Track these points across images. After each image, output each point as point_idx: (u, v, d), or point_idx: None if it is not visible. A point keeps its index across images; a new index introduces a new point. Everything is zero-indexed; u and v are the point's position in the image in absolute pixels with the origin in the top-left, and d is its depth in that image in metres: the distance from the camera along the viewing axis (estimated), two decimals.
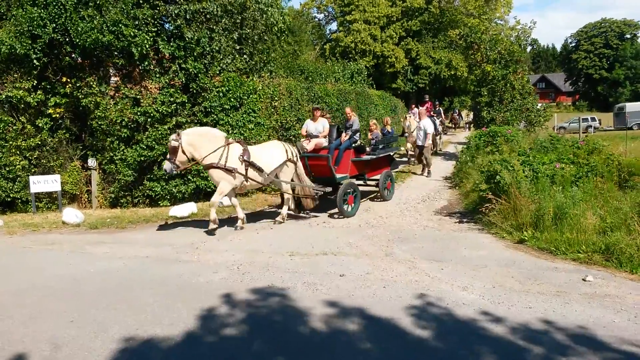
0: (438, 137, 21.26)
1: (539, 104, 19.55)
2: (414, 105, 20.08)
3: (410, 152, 16.95)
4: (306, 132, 10.18)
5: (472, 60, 20.93)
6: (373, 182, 11.08)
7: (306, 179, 9.42)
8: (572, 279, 5.48)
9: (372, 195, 11.36)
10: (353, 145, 10.23)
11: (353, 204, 9.58)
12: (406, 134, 16.18)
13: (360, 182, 11.01)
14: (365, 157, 10.36)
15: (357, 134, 10.32)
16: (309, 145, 9.91)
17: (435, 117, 19.70)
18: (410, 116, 16.61)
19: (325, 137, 10.05)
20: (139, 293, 5.41)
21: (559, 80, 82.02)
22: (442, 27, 36.34)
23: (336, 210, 9.60)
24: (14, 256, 7.33)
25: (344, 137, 10.11)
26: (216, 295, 5.23)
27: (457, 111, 43.85)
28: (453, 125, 41.09)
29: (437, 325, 4.34)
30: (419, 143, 14.73)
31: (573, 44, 76.31)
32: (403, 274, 5.85)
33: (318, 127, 10.06)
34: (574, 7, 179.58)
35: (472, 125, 34.78)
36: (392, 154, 11.58)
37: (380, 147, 11.00)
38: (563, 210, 6.98)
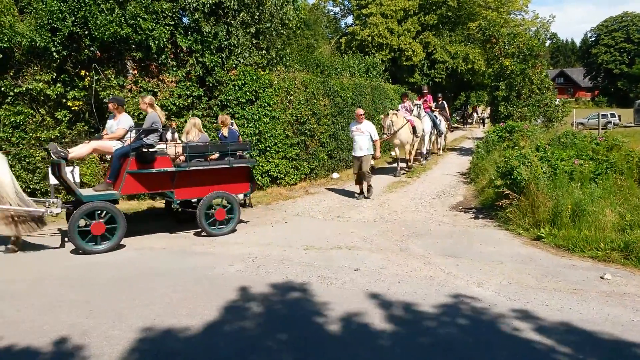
0: (441, 137, 19.04)
1: (557, 100, 19.23)
2: (406, 98, 15.63)
3: (399, 156, 14.12)
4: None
5: (490, 54, 20.66)
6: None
7: (14, 200, 6.90)
8: (589, 277, 5.42)
9: (198, 230, 8.00)
10: (138, 151, 7.35)
11: (111, 237, 7.03)
12: (385, 135, 12.98)
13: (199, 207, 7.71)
14: (156, 169, 7.36)
15: (156, 136, 7.62)
16: (83, 149, 7.66)
17: (436, 113, 17.73)
18: (394, 113, 13.39)
19: (119, 138, 7.76)
20: (156, 284, 5.48)
21: (578, 75, 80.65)
22: (459, 21, 35.93)
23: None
24: (33, 245, 7.46)
25: (131, 139, 7.75)
26: (231, 287, 5.28)
27: (467, 107, 43.20)
28: (462, 121, 40.53)
29: (451, 321, 4.33)
30: (356, 153, 10.61)
31: (593, 38, 75.04)
32: (418, 269, 5.84)
33: (113, 126, 7.97)
34: (593, 0, 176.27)
35: (485, 120, 34.39)
36: (249, 167, 8.38)
37: (217, 156, 8.04)
38: (581, 207, 6.90)
